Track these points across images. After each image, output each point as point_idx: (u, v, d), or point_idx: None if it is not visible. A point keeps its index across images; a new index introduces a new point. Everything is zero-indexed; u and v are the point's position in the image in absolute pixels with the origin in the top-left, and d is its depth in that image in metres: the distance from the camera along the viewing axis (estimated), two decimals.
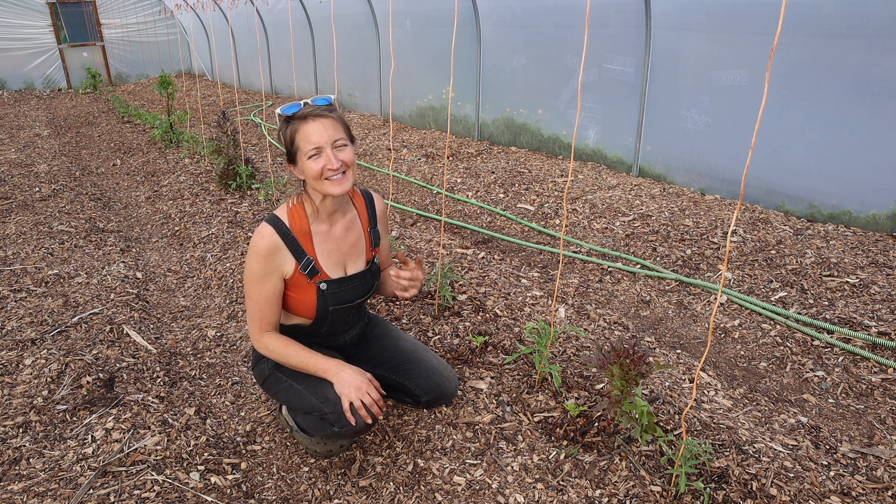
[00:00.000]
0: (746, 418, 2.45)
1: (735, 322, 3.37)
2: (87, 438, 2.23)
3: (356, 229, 2.17)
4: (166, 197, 5.72)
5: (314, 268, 2.02)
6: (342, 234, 2.11)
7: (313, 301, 2.04)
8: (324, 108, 1.93)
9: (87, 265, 3.97)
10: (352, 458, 2.22)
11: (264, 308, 2.00)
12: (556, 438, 2.22)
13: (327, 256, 2.06)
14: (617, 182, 5.62)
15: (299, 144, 1.90)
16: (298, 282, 2.02)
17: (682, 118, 5.35)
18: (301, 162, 1.92)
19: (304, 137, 1.90)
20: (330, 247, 2.07)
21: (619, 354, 1.98)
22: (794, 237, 4.18)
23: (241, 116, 10.43)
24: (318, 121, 1.90)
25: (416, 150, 7.49)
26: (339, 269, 2.09)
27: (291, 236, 1.99)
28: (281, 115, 1.93)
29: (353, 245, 2.14)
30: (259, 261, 1.95)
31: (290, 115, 1.91)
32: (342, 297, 2.10)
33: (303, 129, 1.90)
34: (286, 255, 1.98)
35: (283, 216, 2.02)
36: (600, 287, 3.85)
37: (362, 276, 2.16)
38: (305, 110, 1.91)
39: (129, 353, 2.88)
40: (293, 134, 1.91)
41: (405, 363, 2.30)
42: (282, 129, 1.95)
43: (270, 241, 1.96)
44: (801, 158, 4.62)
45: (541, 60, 6.65)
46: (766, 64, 2.00)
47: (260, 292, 1.98)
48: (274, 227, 1.98)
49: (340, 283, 2.08)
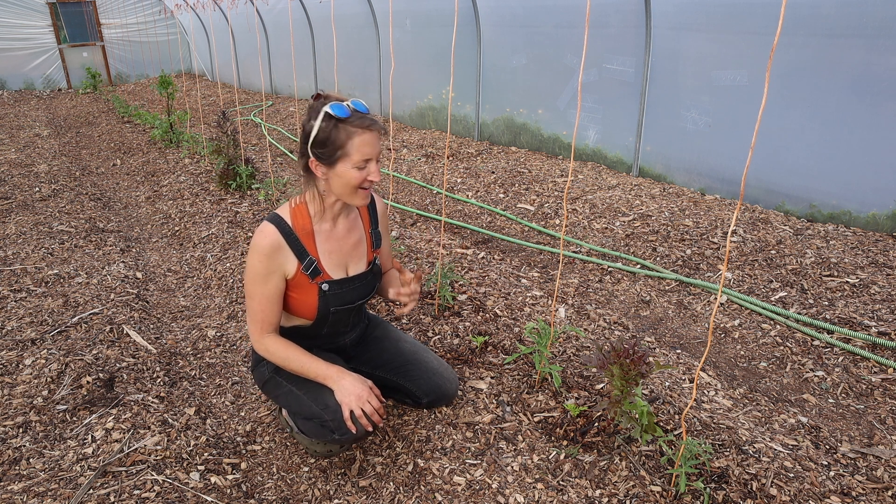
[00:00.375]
0: (746, 418, 2.44)
1: (735, 322, 3.37)
2: (87, 438, 2.23)
3: (358, 230, 2.16)
4: (166, 197, 5.71)
5: (316, 268, 2.01)
6: (344, 235, 2.10)
7: (315, 302, 2.04)
8: (374, 118, 1.89)
9: (87, 265, 3.97)
10: (352, 458, 2.23)
11: (265, 308, 1.99)
12: (556, 438, 2.22)
13: (329, 257, 2.06)
14: (617, 182, 5.62)
15: (350, 151, 1.84)
16: (300, 282, 2.01)
17: (683, 118, 5.35)
18: (342, 167, 1.86)
19: (359, 147, 1.84)
20: (332, 247, 2.07)
21: (619, 354, 1.98)
22: (794, 237, 4.18)
23: (241, 116, 10.43)
24: (374, 132, 1.86)
25: (416, 150, 7.49)
26: (340, 270, 2.09)
27: (294, 235, 1.98)
28: (331, 115, 1.83)
29: (355, 246, 2.14)
30: (261, 259, 1.94)
31: (344, 118, 1.84)
32: (343, 298, 2.09)
33: (360, 138, 1.83)
34: (288, 254, 1.97)
35: (285, 215, 2.00)
36: (600, 287, 3.85)
37: (364, 277, 2.15)
38: (366, 121, 1.85)
39: (129, 353, 2.88)
40: (346, 138, 1.83)
41: (406, 365, 2.30)
42: (324, 126, 1.85)
43: (273, 239, 1.94)
44: (801, 158, 4.62)
45: (541, 60, 6.65)
46: (766, 64, 2.00)
47: (261, 292, 1.97)
48: (276, 225, 1.97)
49: (342, 284, 2.08)
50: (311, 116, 1.89)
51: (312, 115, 1.89)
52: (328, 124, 1.85)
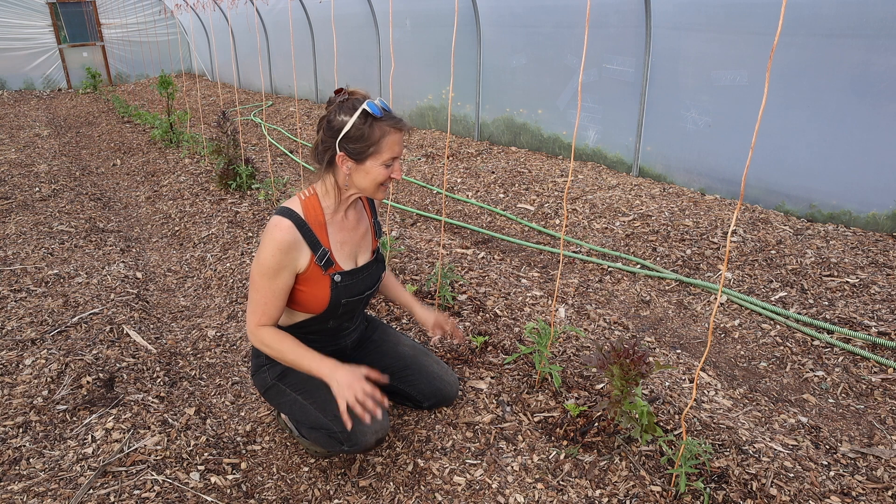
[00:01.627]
0: (746, 418, 2.45)
1: (735, 322, 3.37)
2: (87, 438, 2.23)
3: (365, 221, 2.19)
4: (166, 197, 5.72)
5: (329, 259, 2.01)
6: (354, 226, 2.12)
7: (326, 294, 2.03)
8: (402, 119, 1.97)
9: (87, 265, 3.97)
10: (352, 458, 2.23)
11: (269, 302, 1.97)
12: (556, 438, 2.22)
13: (341, 248, 2.06)
14: (617, 182, 5.62)
15: (382, 149, 1.91)
16: (312, 275, 2.00)
17: (683, 118, 5.35)
18: (371, 164, 1.92)
19: (390, 145, 1.92)
20: (344, 238, 2.08)
21: (619, 354, 1.98)
22: (794, 237, 4.18)
23: (241, 116, 10.43)
24: (403, 133, 1.96)
25: (416, 149, 7.49)
26: (350, 260, 2.10)
27: (308, 228, 1.97)
28: (368, 112, 1.88)
29: (363, 236, 2.16)
30: (275, 254, 1.92)
31: (379, 117, 1.90)
32: (353, 289, 2.09)
33: (393, 137, 1.92)
34: (303, 248, 1.96)
35: (296, 208, 1.99)
36: (600, 287, 3.85)
37: (370, 266, 2.17)
38: (397, 121, 1.93)
39: (129, 353, 2.88)
40: (381, 136, 1.90)
41: (405, 369, 2.30)
42: (359, 123, 1.88)
43: (290, 235, 1.93)
44: (801, 158, 4.62)
45: (541, 60, 6.65)
46: (767, 64, 2.00)
47: (269, 286, 1.95)
48: (292, 220, 1.95)
49: (353, 275, 2.08)
50: (341, 111, 1.91)
51: (345, 110, 1.90)
52: (363, 121, 1.89)
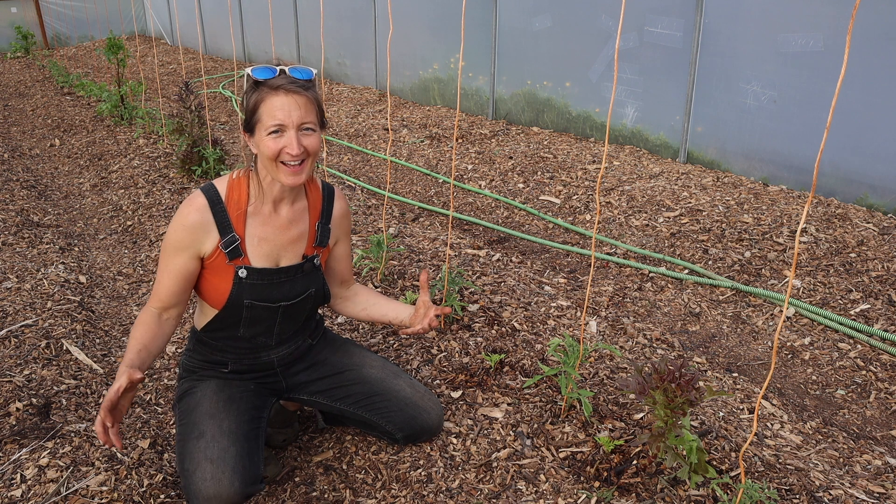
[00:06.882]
0: (820, 458, 2.43)
1: (805, 340, 3.36)
2: (14, 478, 2.24)
3: (302, 223, 2.21)
4: (116, 185, 5.75)
5: (237, 248, 2.08)
6: (285, 226, 2.16)
7: (227, 288, 2.09)
8: (301, 82, 2.00)
9: (19, 267, 4.00)
10: (339, 500, 2.23)
11: (162, 281, 2.08)
12: (585, 479, 2.21)
13: (259, 244, 2.12)
14: (660, 170, 5.62)
15: (261, 116, 1.99)
16: (216, 262, 2.08)
17: (741, 92, 5.34)
18: (259, 135, 2.01)
19: (269, 111, 1.97)
20: (265, 234, 2.13)
21: (662, 378, 1.98)
22: (879, 237, 4.17)
23: (207, 89, 10.48)
24: (290, 96, 1.98)
25: (418, 130, 7.50)
26: (268, 260, 2.15)
27: (222, 208, 2.07)
28: (250, 77, 2.00)
29: (295, 241, 2.19)
30: (177, 231, 2.05)
31: (261, 80, 1.99)
32: (263, 293, 2.12)
33: (270, 101, 1.97)
34: (211, 230, 2.06)
35: (221, 187, 2.11)
36: (639, 296, 3.85)
37: (292, 271, 2.17)
38: (278, 80, 1.98)
39: (70, 373, 2.90)
40: (258, 102, 1.99)
41: (371, 396, 2.32)
42: (247, 92, 2.03)
43: (199, 215, 2.05)
44: (889, 141, 4.60)
45: (569, 22, 6.65)
46: (847, 25, 1.99)
47: (166, 263, 2.07)
48: (208, 198, 2.07)
49: (264, 275, 2.12)
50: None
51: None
52: (249, 88, 2.03)
